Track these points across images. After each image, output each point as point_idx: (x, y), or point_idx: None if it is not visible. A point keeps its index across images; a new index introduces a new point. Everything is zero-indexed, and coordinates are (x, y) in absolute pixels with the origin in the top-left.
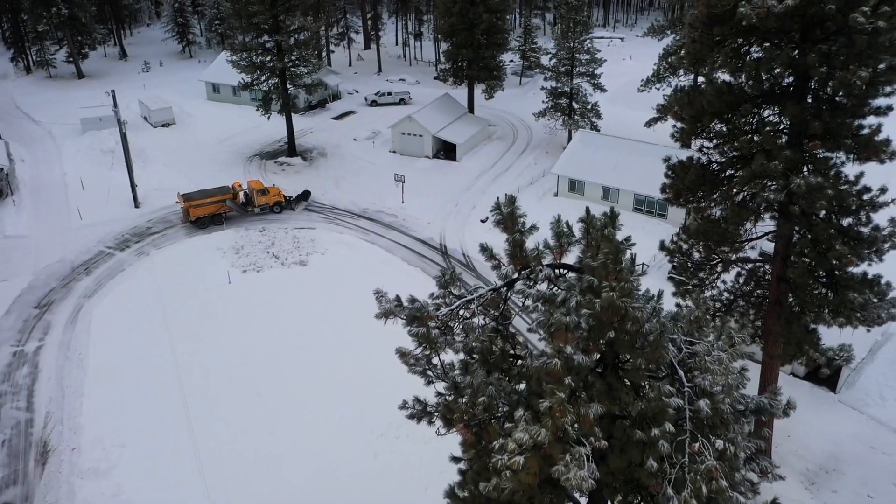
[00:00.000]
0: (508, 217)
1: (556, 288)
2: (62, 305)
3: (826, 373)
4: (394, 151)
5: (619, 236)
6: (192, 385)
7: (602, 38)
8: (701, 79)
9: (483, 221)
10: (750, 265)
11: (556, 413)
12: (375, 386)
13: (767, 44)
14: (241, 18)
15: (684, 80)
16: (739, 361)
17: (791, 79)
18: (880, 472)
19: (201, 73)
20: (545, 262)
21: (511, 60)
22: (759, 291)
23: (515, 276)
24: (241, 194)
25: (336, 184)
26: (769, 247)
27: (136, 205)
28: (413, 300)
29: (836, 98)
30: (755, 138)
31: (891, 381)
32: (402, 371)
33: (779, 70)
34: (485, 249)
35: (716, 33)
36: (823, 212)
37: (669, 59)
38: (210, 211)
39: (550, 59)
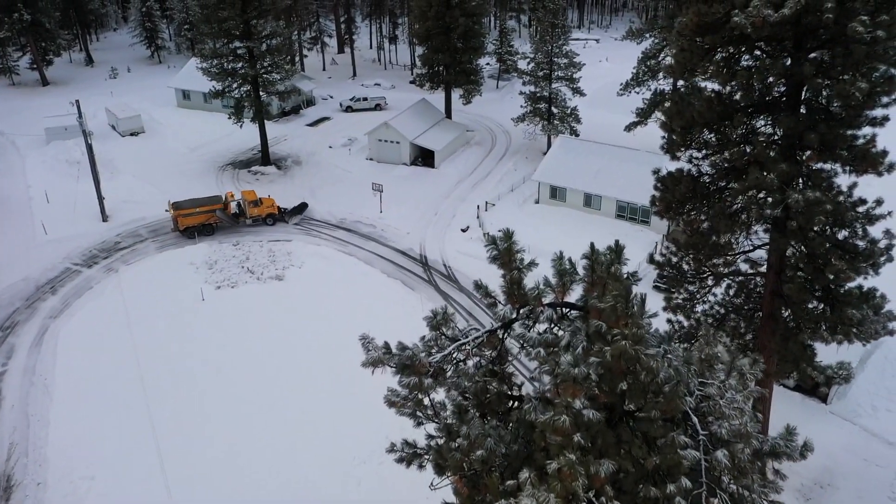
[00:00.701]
0: (505, 253)
1: (558, 330)
2: (26, 327)
3: (826, 391)
4: (370, 159)
5: (624, 270)
6: (163, 411)
7: (577, 39)
8: (681, 82)
9: (464, 231)
10: (741, 278)
11: (565, 476)
12: (358, 409)
13: (759, 53)
14: (211, 24)
15: (664, 83)
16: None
17: (783, 89)
18: (875, 485)
19: (171, 80)
20: (545, 300)
21: (487, 63)
22: (750, 305)
23: (514, 315)
24: (234, 205)
25: (312, 193)
26: (758, 254)
27: (104, 218)
28: (403, 347)
29: (831, 108)
30: (747, 149)
31: (881, 391)
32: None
33: (772, 80)
34: (479, 287)
35: (706, 42)
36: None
37: (649, 63)
38: (199, 221)
39: (528, 63)
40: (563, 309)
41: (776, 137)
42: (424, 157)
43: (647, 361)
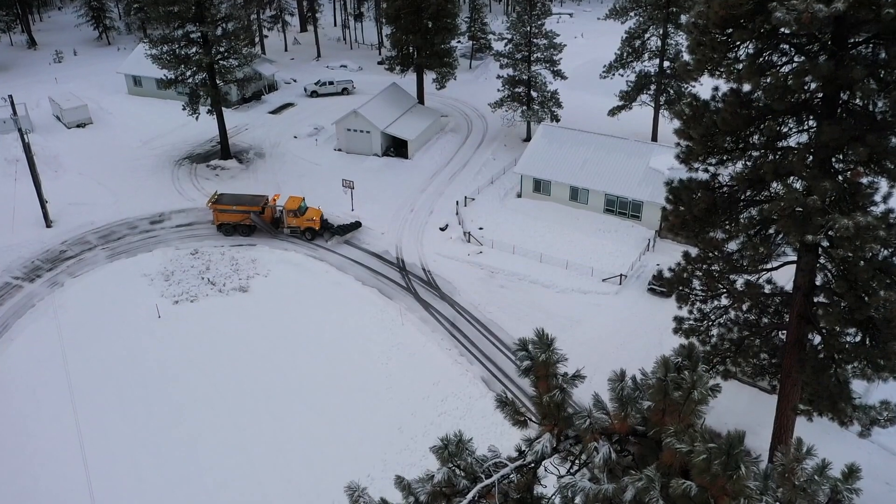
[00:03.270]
0: (542, 366)
1: (618, 477)
2: None
3: (868, 435)
4: (339, 149)
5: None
6: (119, 454)
7: (551, 14)
8: (666, 63)
9: (442, 229)
10: (762, 298)
11: None
12: (336, 441)
13: (790, 48)
14: (159, 6)
15: (649, 65)
16: None
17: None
18: None
19: (120, 64)
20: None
21: (459, 41)
22: (772, 327)
23: (552, 445)
24: (278, 210)
25: (278, 189)
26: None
27: (48, 224)
28: (407, 489)
29: (877, 114)
30: (773, 157)
31: None
32: (366, 423)
33: (812, 83)
34: (504, 403)
35: (731, 37)
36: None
37: (634, 44)
38: (234, 220)
39: (505, 44)
40: (621, 443)
41: (809, 146)
42: (397, 147)
43: None
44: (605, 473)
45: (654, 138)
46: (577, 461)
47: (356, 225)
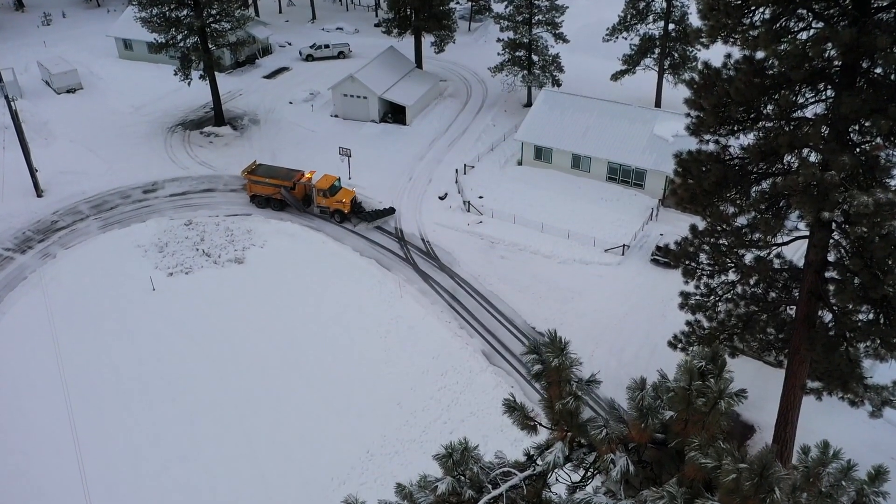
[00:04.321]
0: (554, 372)
1: (635, 488)
2: None
3: (880, 415)
4: (336, 115)
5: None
6: (113, 430)
7: None
8: (672, 26)
9: (442, 198)
10: (771, 273)
11: None
12: (335, 417)
13: (808, 14)
14: None
15: (654, 27)
16: None
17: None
18: None
19: (110, 27)
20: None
21: (457, 2)
22: (780, 302)
23: (563, 453)
24: (311, 188)
25: (273, 158)
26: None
27: (39, 193)
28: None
29: None
30: (787, 128)
31: None
32: (364, 398)
33: (832, 50)
34: (513, 409)
35: (749, 2)
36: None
37: (638, 5)
38: (266, 192)
39: (506, 6)
40: (639, 452)
41: (826, 117)
42: (395, 113)
43: None
44: (622, 486)
45: (658, 104)
46: (590, 470)
47: (389, 211)
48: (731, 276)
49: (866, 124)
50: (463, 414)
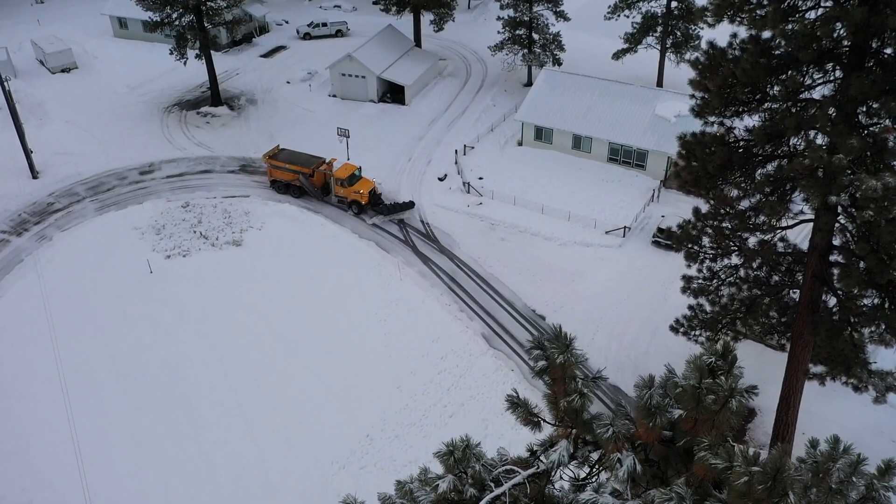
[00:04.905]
0: (560, 368)
1: (641, 486)
2: None
3: (884, 401)
4: (334, 95)
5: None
6: (111, 415)
7: None
8: (674, 4)
9: (441, 179)
10: (774, 256)
11: None
12: (334, 401)
13: None
14: None
15: (656, 5)
16: None
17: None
18: None
19: (105, 5)
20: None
21: None
22: (783, 288)
23: (568, 452)
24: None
25: (270, 138)
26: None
27: (34, 175)
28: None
29: None
30: (793, 110)
31: None
32: (364, 381)
33: (841, 31)
34: (516, 405)
35: None
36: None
37: None
38: (286, 178)
39: None
40: (646, 450)
41: (834, 98)
42: (394, 93)
43: None
44: (629, 486)
45: (660, 84)
46: (595, 467)
47: (408, 205)
48: (735, 260)
49: (874, 106)
50: (463, 397)
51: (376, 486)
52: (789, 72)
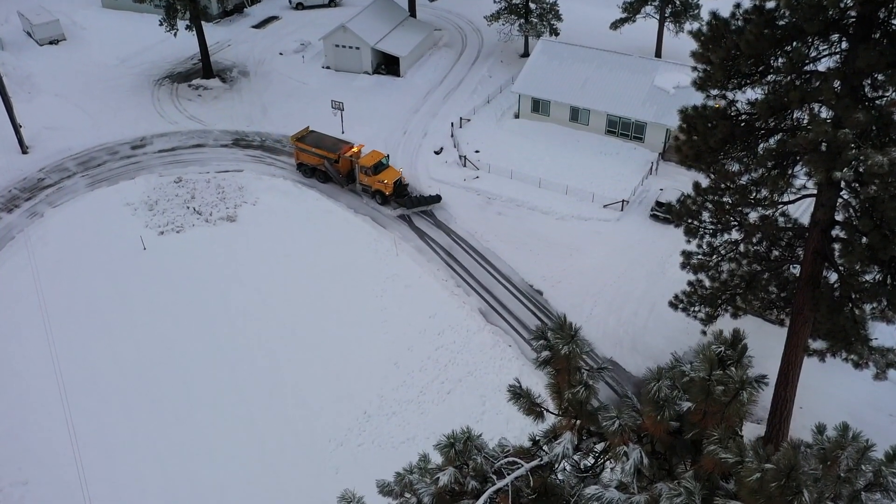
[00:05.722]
0: (564, 359)
1: (646, 477)
2: None
3: (884, 378)
4: (327, 67)
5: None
6: (107, 394)
7: None
8: None
9: (437, 153)
10: (775, 231)
11: None
12: (330, 379)
13: None
14: None
15: None
16: None
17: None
18: None
19: None
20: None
21: None
22: (783, 263)
23: (572, 444)
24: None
25: (263, 112)
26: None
27: (24, 150)
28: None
29: None
30: (797, 82)
31: None
32: (361, 358)
33: (849, 1)
34: (518, 395)
35: None
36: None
37: None
38: (312, 162)
39: None
40: (653, 447)
41: (840, 71)
42: (388, 65)
43: None
44: (635, 479)
45: (659, 54)
46: (599, 458)
47: (435, 199)
48: (735, 235)
49: (879, 78)
50: (461, 374)
51: (374, 463)
52: (794, 43)
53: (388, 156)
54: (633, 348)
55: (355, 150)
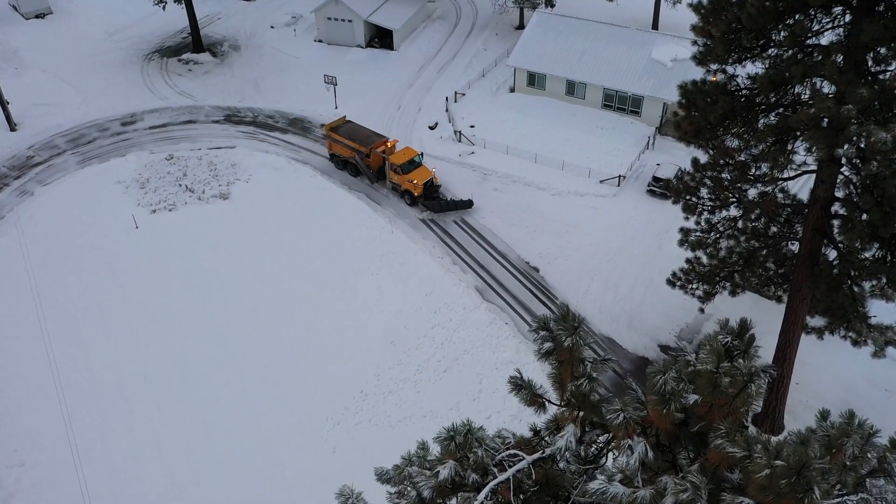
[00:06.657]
0: (567, 351)
1: (651, 470)
2: None
3: (882, 356)
4: (320, 40)
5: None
6: (101, 374)
7: None
8: None
9: (432, 128)
10: (774, 207)
11: None
12: (326, 356)
13: None
14: None
15: None
16: None
17: None
18: (895, 420)
19: None
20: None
21: None
22: (781, 240)
23: (575, 437)
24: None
25: (255, 87)
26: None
27: (12, 127)
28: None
29: None
30: (799, 56)
31: None
32: (357, 336)
33: None
34: (520, 387)
35: None
36: None
37: None
38: (345, 154)
39: None
40: (658, 439)
41: (842, 45)
42: (382, 38)
43: None
44: (640, 474)
45: (656, 26)
46: (603, 450)
47: (466, 204)
48: (733, 212)
49: (883, 52)
50: (457, 352)
51: (371, 442)
52: (796, 16)
53: (421, 154)
54: (630, 325)
55: (389, 145)
